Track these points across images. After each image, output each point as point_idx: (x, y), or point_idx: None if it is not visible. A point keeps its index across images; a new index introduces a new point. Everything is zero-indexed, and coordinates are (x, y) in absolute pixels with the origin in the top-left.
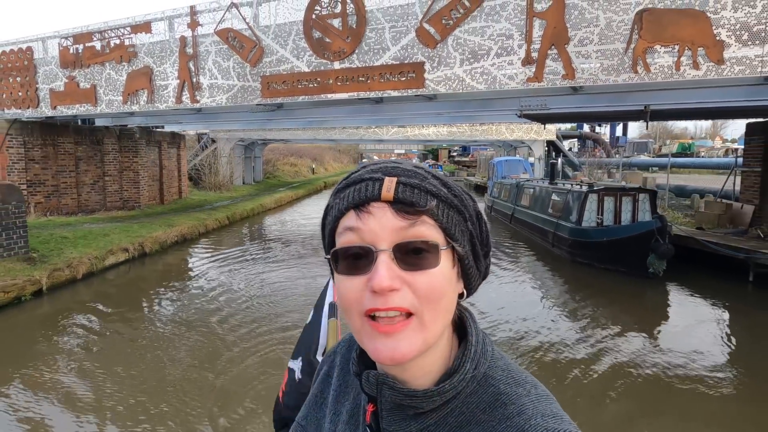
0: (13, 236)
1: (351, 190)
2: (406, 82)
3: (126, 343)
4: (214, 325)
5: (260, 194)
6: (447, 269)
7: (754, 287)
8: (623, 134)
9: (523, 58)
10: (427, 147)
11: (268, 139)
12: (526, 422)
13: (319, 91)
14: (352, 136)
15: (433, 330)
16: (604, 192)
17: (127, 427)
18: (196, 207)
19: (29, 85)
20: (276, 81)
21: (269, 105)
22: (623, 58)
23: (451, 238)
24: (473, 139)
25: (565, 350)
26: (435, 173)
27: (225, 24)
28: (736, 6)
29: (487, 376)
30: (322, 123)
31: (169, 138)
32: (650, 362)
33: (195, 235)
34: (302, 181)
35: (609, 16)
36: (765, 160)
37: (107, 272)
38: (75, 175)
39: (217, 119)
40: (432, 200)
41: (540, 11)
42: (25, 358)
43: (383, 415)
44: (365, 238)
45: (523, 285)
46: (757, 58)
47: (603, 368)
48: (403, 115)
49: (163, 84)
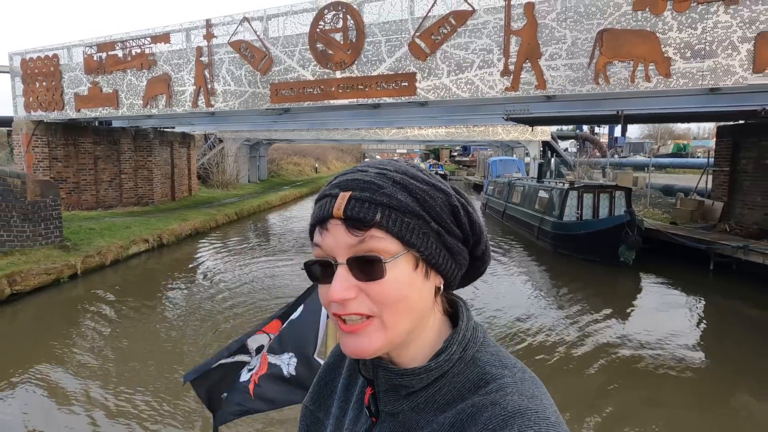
0: (50, 226)
1: (317, 206)
2: (400, 90)
3: (147, 320)
4: (222, 305)
5: (265, 192)
6: (404, 274)
7: (714, 275)
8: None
9: (501, 70)
10: (429, 147)
11: (273, 139)
12: (502, 397)
13: (323, 97)
14: (354, 136)
15: (395, 329)
16: (583, 189)
17: (154, 384)
18: (206, 203)
19: (55, 89)
20: (284, 88)
21: (277, 109)
22: (587, 71)
23: (407, 244)
24: (471, 139)
25: (546, 330)
26: (398, 177)
27: (238, 36)
28: (681, 28)
29: (475, 359)
30: (324, 125)
31: (180, 138)
32: (620, 341)
33: (206, 228)
34: (305, 180)
35: (575, 35)
36: (733, 160)
37: (131, 260)
38: (94, 173)
39: (227, 121)
40: (379, 213)
41: (516, 29)
42: (65, 330)
43: (380, 396)
44: (326, 252)
45: (509, 274)
46: (698, 72)
47: (578, 345)
48: (399, 118)
49: (180, 90)
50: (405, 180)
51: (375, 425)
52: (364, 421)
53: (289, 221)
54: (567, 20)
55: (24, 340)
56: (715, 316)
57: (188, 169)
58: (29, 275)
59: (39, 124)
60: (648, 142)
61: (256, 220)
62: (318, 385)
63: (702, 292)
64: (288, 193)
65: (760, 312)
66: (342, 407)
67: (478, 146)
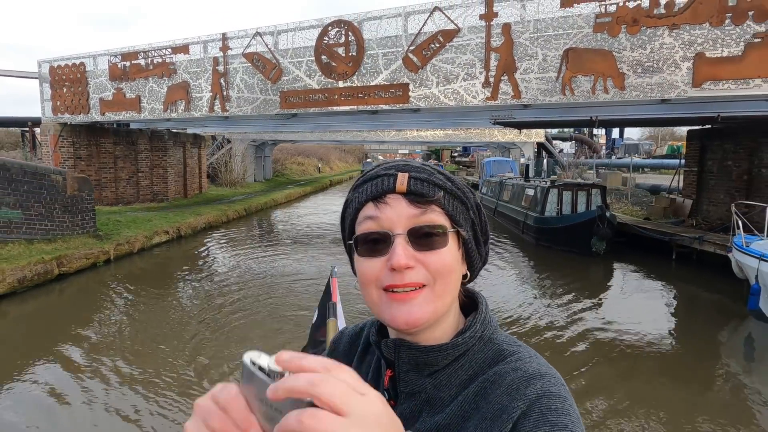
0: (86, 218)
1: (369, 185)
2: (395, 98)
3: (170, 298)
4: (233, 287)
5: (271, 190)
6: (454, 249)
7: (676, 264)
8: (620, 136)
9: (483, 81)
10: (431, 147)
11: (278, 140)
12: (522, 365)
13: (327, 104)
14: (356, 137)
15: (443, 300)
16: (563, 187)
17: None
18: (216, 200)
19: (81, 94)
20: (292, 95)
21: (286, 114)
22: (555, 84)
23: (456, 223)
24: (468, 140)
25: (526, 313)
26: (440, 170)
27: (251, 48)
28: (633, 48)
29: (492, 339)
30: (328, 127)
31: (192, 139)
32: (592, 321)
33: (219, 222)
34: (309, 179)
35: (545, 53)
36: (700, 161)
37: (154, 249)
38: (114, 171)
39: (238, 124)
40: (439, 191)
41: (495, 47)
42: (103, 304)
43: (401, 377)
44: (383, 225)
45: (495, 264)
46: (648, 86)
47: (555, 326)
48: (396, 122)
49: (198, 96)
50: (444, 172)
51: (394, 408)
52: None
53: (293, 217)
54: (538, 39)
55: (71, 312)
56: (675, 298)
57: (199, 168)
58: (73, 259)
59: (65, 126)
60: (647, 144)
61: (264, 216)
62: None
63: (665, 278)
64: (292, 192)
65: (712, 295)
66: None
67: (476, 147)
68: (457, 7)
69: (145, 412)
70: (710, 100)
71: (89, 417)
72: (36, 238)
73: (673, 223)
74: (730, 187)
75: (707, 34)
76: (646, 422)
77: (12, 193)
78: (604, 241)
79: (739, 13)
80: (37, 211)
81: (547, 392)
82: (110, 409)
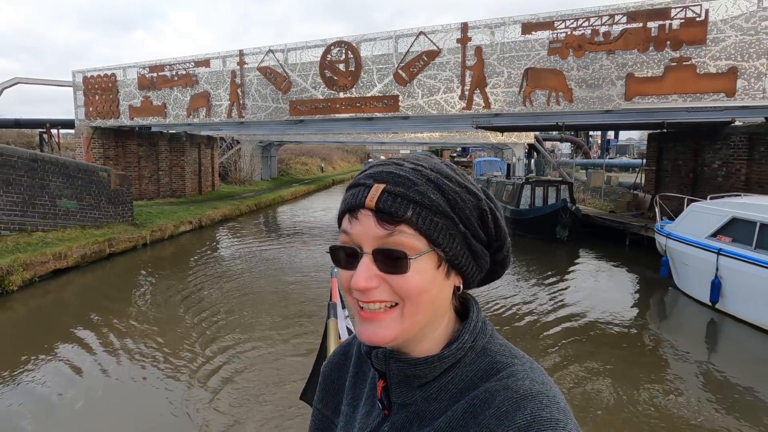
0: (125, 209)
1: (350, 193)
2: (387, 107)
3: (197, 275)
4: (245, 266)
5: (278, 188)
6: (427, 271)
7: (630, 249)
8: (615, 137)
9: (459, 94)
10: (432, 148)
11: (284, 141)
12: (514, 383)
13: (329, 112)
14: (357, 138)
15: (411, 321)
16: (535, 183)
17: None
18: (228, 197)
19: (112, 102)
20: (299, 104)
21: (294, 120)
22: (518, 96)
23: (434, 243)
24: (463, 142)
25: (500, 291)
26: (433, 176)
27: (264, 63)
28: (579, 68)
29: (485, 349)
30: (330, 131)
31: (206, 141)
32: (554, 296)
33: (233, 215)
34: (313, 178)
35: (509, 71)
36: (658, 161)
37: (181, 236)
38: (137, 170)
39: (249, 127)
40: (410, 209)
41: (469, 65)
42: (144, 279)
43: (392, 388)
44: (354, 240)
45: None
46: (590, 99)
47: (525, 303)
48: (391, 126)
49: (217, 104)
50: (439, 179)
51: (387, 417)
52: (377, 415)
53: (298, 212)
54: (504, 60)
55: (121, 284)
56: (627, 277)
57: (212, 167)
58: (119, 241)
59: (96, 130)
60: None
61: (272, 211)
62: (324, 385)
63: (619, 260)
64: (297, 190)
65: (649, 271)
66: (352, 404)
67: (475, 147)
68: (438, 32)
69: (163, 353)
70: (641, 111)
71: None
72: (87, 224)
73: (633, 215)
74: (680, 183)
75: (635, 58)
76: (597, 377)
77: (70, 187)
78: (567, 229)
79: (660, 42)
80: (88, 202)
81: (537, 418)
82: (138, 353)
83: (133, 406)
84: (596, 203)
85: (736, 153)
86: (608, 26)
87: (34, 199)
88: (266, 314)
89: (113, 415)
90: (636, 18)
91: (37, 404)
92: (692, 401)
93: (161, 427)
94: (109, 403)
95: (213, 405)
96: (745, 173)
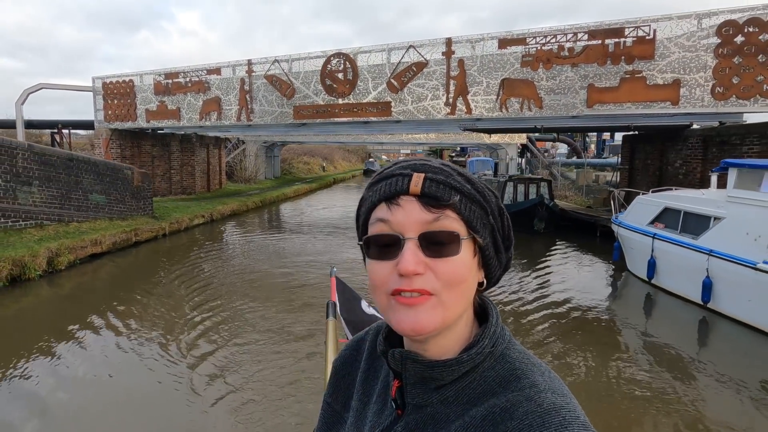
0: (146, 203)
1: (383, 184)
2: (381, 112)
3: (210, 261)
4: (252, 255)
5: (281, 186)
6: (467, 258)
7: (600, 240)
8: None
9: (444, 101)
10: (432, 148)
11: (287, 141)
12: (536, 394)
13: (329, 116)
14: (357, 139)
15: (451, 309)
16: (518, 181)
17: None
18: (235, 194)
19: (129, 105)
20: (302, 109)
21: (297, 123)
22: (495, 104)
23: (473, 229)
24: (459, 142)
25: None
26: (460, 171)
27: (271, 71)
28: (547, 79)
29: (504, 355)
30: (331, 132)
31: (214, 141)
32: (532, 281)
33: (241, 211)
34: (314, 177)
35: (488, 81)
36: (631, 160)
37: (195, 228)
38: (151, 169)
39: (255, 129)
40: (455, 195)
41: (453, 76)
42: (164, 264)
43: (407, 389)
44: (394, 228)
45: None
46: (558, 106)
47: (502, 288)
48: (387, 128)
49: (227, 108)
50: (465, 173)
51: (401, 417)
52: (389, 414)
53: (302, 208)
54: (483, 71)
55: (143, 269)
56: (596, 266)
57: (219, 167)
58: (143, 231)
59: (114, 131)
60: None
61: (277, 207)
62: (335, 379)
63: (591, 251)
64: (300, 188)
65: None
66: (362, 400)
67: (473, 147)
68: (426, 45)
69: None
70: (601, 116)
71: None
72: (114, 216)
73: (607, 210)
74: (648, 180)
75: (595, 71)
76: (573, 350)
77: (100, 183)
78: (543, 222)
79: (615, 56)
80: (115, 197)
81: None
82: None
83: (152, 354)
84: (578, 200)
85: (693, 153)
86: (572, 42)
87: (70, 193)
88: (273, 291)
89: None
90: (596, 36)
91: (91, 360)
92: (638, 360)
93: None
94: (134, 348)
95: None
96: (700, 171)
